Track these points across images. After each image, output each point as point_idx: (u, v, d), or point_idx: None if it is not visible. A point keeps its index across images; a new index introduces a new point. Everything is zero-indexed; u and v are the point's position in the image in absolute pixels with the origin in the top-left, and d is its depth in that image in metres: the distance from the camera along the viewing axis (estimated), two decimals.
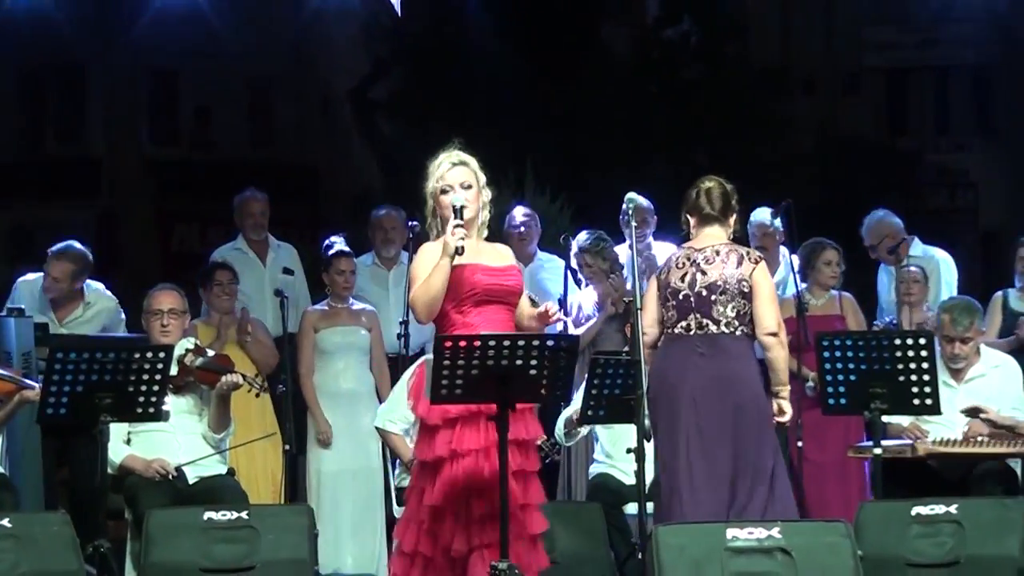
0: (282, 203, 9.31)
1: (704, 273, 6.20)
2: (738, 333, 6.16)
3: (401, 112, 17.57)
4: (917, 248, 8.75)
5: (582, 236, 8.39)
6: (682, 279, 6.23)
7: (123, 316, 8.36)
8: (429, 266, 5.60)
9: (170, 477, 6.85)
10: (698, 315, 6.18)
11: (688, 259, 6.26)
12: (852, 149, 17.63)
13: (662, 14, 17.49)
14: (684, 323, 6.21)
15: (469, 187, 5.67)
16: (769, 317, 6.16)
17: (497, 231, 8.74)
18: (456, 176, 5.67)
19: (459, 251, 5.52)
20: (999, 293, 8.17)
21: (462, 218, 5.58)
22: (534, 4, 15.83)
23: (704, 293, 6.18)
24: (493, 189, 5.79)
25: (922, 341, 6.75)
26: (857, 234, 8.98)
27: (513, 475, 5.51)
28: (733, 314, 6.16)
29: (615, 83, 15.74)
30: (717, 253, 6.23)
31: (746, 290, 6.17)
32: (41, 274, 8.22)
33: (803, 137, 17.44)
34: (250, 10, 17.70)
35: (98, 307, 8.27)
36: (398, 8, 15.46)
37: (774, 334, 6.19)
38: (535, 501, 5.66)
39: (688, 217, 6.33)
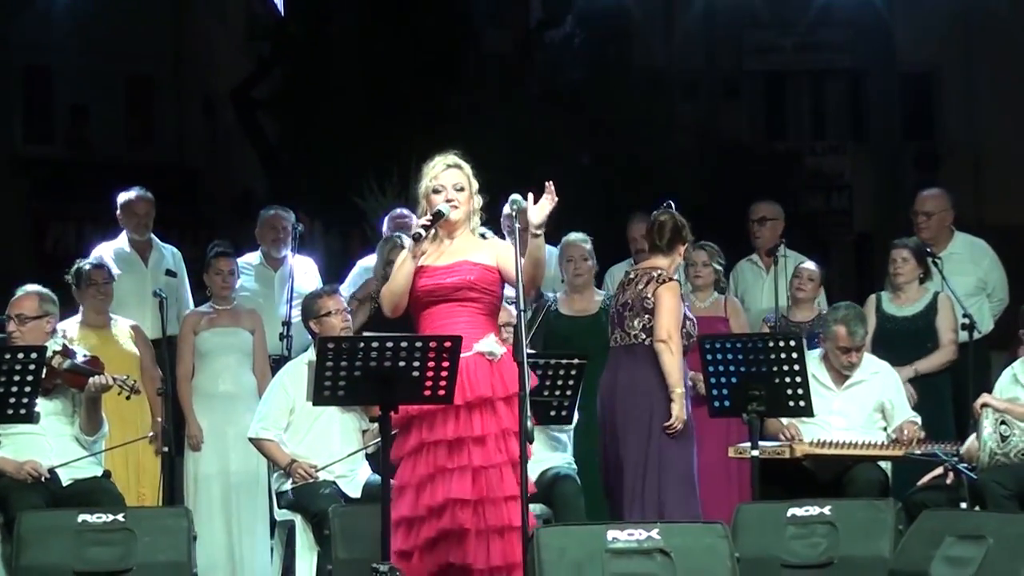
0: (161, 203, 9.18)
1: (623, 293, 7.15)
2: (646, 343, 6.95)
3: (284, 112, 17.44)
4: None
5: None
6: (618, 299, 7.20)
7: None
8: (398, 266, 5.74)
9: (43, 479, 6.72)
10: (619, 329, 7.08)
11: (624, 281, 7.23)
12: (732, 152, 17.84)
13: (544, 17, 17.56)
14: (614, 336, 7.13)
15: (461, 189, 5.78)
16: (660, 327, 6.94)
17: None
18: (449, 177, 5.78)
19: (416, 237, 5.62)
20: (873, 296, 8.30)
21: (436, 221, 5.66)
22: (414, 4, 15.81)
23: (621, 310, 7.10)
24: (485, 196, 5.86)
25: (792, 343, 6.86)
26: (738, 236, 9.09)
27: (490, 468, 5.55)
28: (639, 327, 6.98)
29: (497, 85, 15.77)
30: (643, 276, 7.13)
31: (649, 306, 6.97)
32: None
33: (684, 140, 17.62)
34: (129, 6, 17.48)
35: None
36: (281, 8, 15.36)
37: (663, 341, 6.92)
38: (503, 494, 5.60)
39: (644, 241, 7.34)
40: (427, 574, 5.60)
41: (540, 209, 5.59)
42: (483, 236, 5.93)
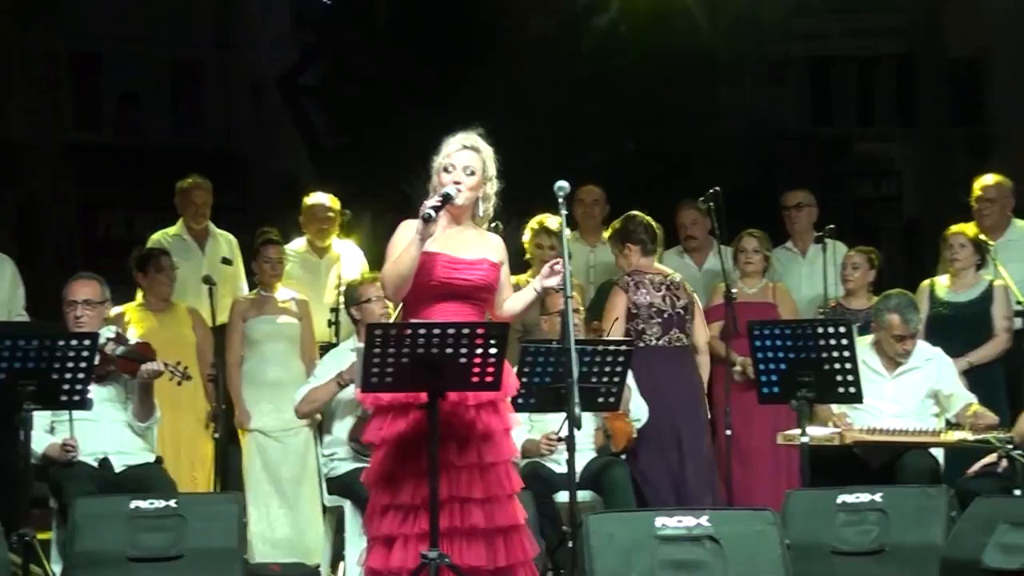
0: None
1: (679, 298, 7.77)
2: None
3: (330, 99, 17.46)
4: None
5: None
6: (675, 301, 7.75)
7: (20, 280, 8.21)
8: (404, 243, 5.47)
9: (88, 459, 6.76)
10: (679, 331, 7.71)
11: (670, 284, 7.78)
12: (778, 138, 17.75)
13: (590, 2, 17.49)
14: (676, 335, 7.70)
15: (472, 173, 5.55)
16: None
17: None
18: (462, 159, 5.56)
19: (426, 218, 5.36)
20: (926, 282, 8.26)
21: (445, 203, 5.46)
22: None
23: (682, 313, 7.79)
24: (500, 182, 5.66)
25: (842, 330, 6.82)
26: (782, 222, 9.07)
27: (473, 466, 5.45)
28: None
29: (541, 71, 15.72)
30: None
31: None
32: None
33: (730, 126, 17.53)
34: None
35: None
36: None
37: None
38: (498, 492, 5.52)
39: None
40: (412, 563, 5.41)
41: (548, 281, 5.56)
42: (496, 227, 5.82)
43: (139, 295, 8.27)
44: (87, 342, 6.38)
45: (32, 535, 6.21)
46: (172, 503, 6.34)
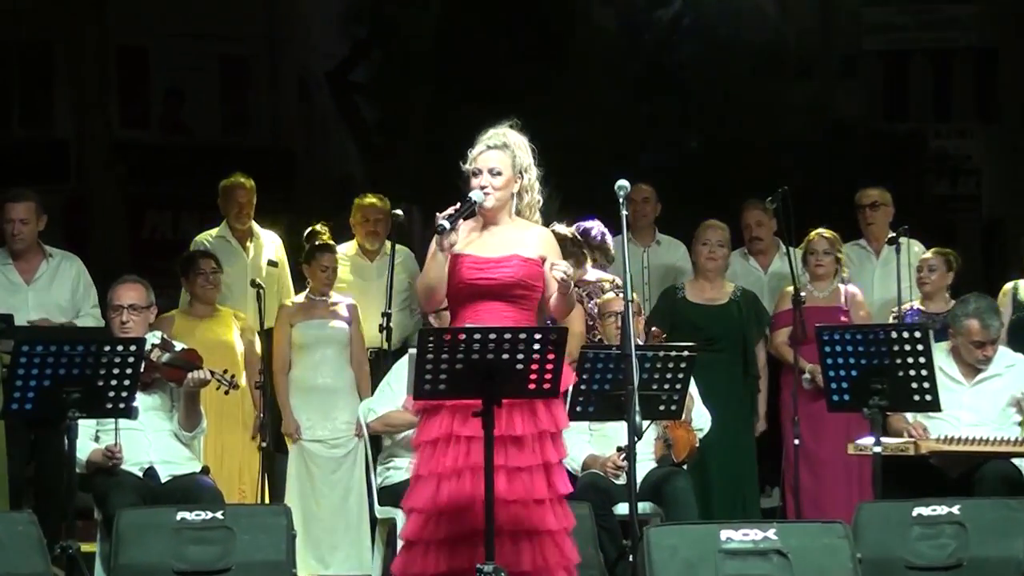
0: (257, 189, 9.27)
1: None
2: None
3: (382, 95, 17.52)
4: None
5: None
6: None
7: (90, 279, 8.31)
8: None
9: (132, 468, 6.82)
10: None
11: None
12: (849, 134, 17.61)
13: None
14: None
15: (498, 174, 5.58)
16: None
17: None
18: (486, 160, 5.60)
19: (439, 229, 5.44)
20: (1009, 284, 8.18)
21: (469, 212, 5.50)
22: None
23: None
24: (532, 174, 5.66)
25: (918, 335, 6.77)
26: (854, 223, 9.01)
27: (524, 470, 5.45)
28: None
29: (603, 66, 15.70)
30: None
31: None
32: None
33: (798, 122, 17.42)
34: None
35: (62, 262, 8.23)
36: None
37: None
38: (545, 496, 5.52)
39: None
40: (439, 569, 5.45)
41: (555, 274, 5.51)
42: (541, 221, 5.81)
43: (183, 299, 8.32)
44: (133, 348, 6.42)
45: (76, 547, 6.25)
46: (219, 515, 6.38)
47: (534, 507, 5.50)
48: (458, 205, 5.50)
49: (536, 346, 5.49)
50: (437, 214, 5.47)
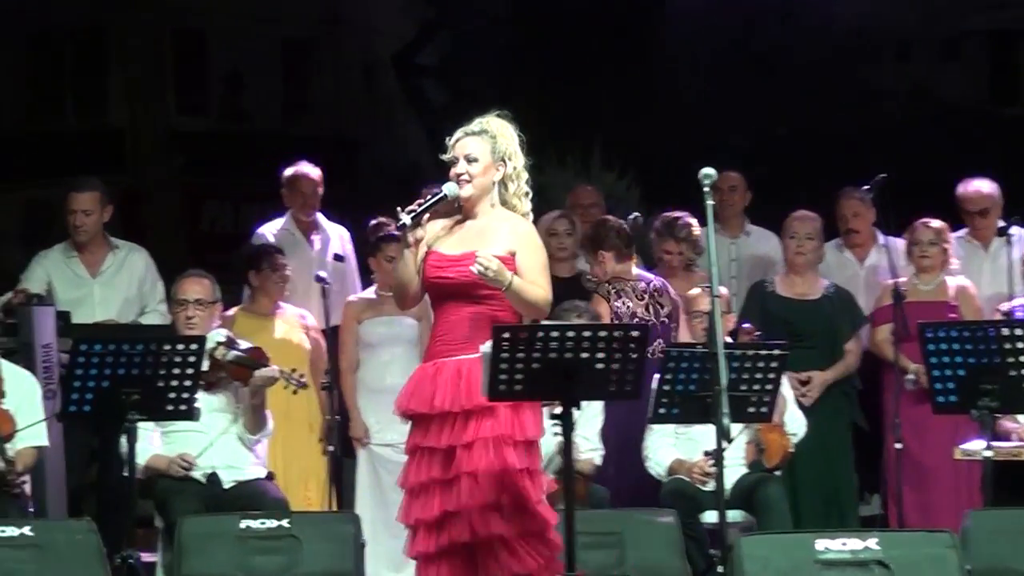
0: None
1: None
2: None
3: (451, 79, 17.54)
4: None
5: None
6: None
7: (157, 272, 8.40)
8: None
9: (195, 474, 6.88)
10: None
11: None
12: (951, 120, 17.43)
13: None
14: None
15: (474, 160, 5.61)
16: None
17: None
18: (463, 147, 5.64)
19: (399, 226, 5.50)
20: None
21: (438, 204, 5.53)
22: None
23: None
24: (530, 159, 5.70)
25: None
26: (959, 213, 8.91)
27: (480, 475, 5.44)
28: None
29: (686, 49, 15.62)
30: None
31: None
32: (55, 247, 8.29)
33: (895, 107, 17.27)
34: None
35: (129, 254, 8.32)
36: None
37: None
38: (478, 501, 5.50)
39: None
40: None
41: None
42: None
43: (245, 296, 8.36)
44: (194, 346, 6.47)
45: (137, 557, 6.31)
46: (284, 523, 6.43)
47: (485, 512, 5.46)
48: (420, 201, 5.54)
49: (616, 345, 5.49)
50: (398, 208, 5.51)
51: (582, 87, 14.45)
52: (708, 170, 5.81)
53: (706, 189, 5.79)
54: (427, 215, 5.56)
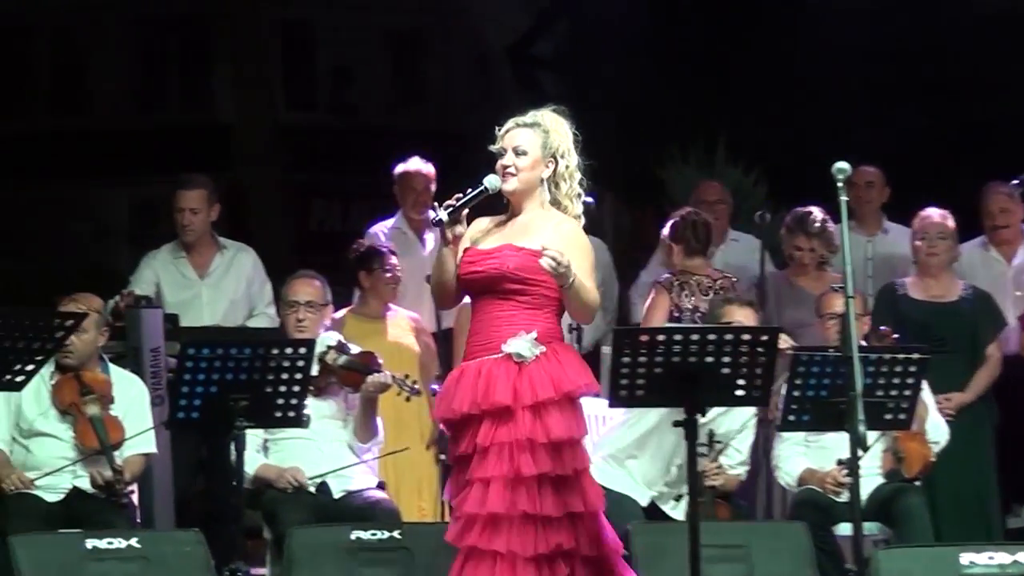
0: None
1: None
2: None
3: (568, 71, 17.52)
4: None
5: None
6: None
7: (265, 274, 8.46)
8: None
9: (309, 489, 6.93)
10: None
11: None
12: None
13: None
14: None
15: (523, 153, 5.50)
16: None
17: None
18: (512, 138, 5.52)
19: (435, 222, 5.42)
20: None
21: (478, 199, 5.44)
22: None
23: None
24: (583, 159, 5.57)
25: None
26: None
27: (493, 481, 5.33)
28: None
29: (812, 36, 15.48)
30: None
31: None
32: (163, 247, 8.39)
33: None
34: None
35: (237, 255, 8.40)
36: None
37: None
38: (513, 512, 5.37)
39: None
40: None
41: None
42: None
43: (356, 297, 8.39)
44: (303, 350, 6.51)
45: (245, 570, 6.35)
46: (396, 534, 6.46)
47: (504, 522, 5.34)
48: (459, 196, 5.45)
49: (744, 348, 5.46)
50: (435, 204, 5.44)
51: (707, 78, 14.37)
52: (842, 164, 5.75)
53: (840, 184, 5.73)
54: (466, 210, 5.47)
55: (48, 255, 19.10)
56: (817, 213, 8.29)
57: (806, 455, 7.38)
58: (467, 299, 5.62)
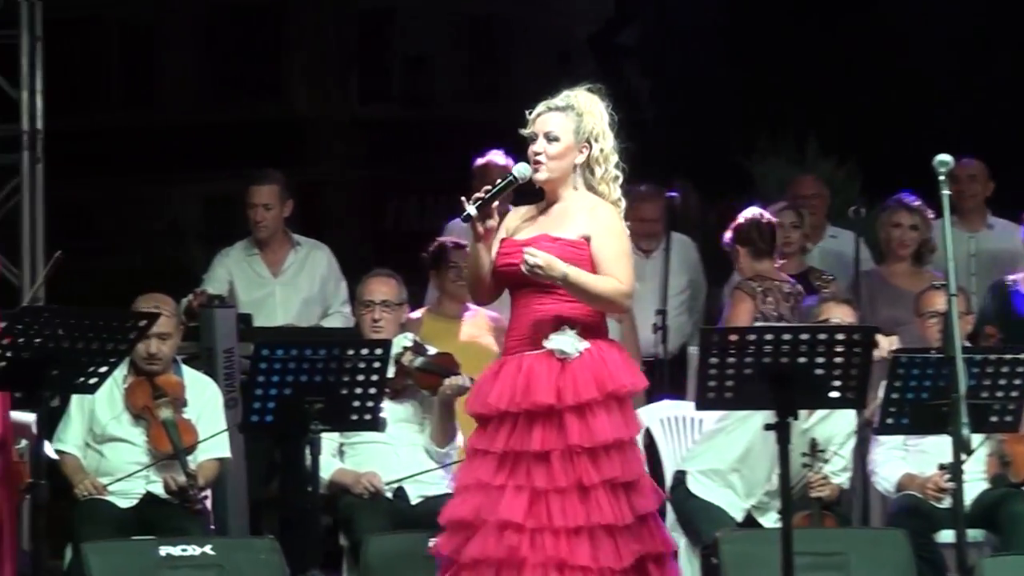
0: None
1: None
2: None
3: (654, 61, 17.49)
4: None
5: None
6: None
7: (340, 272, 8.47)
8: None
9: (386, 495, 6.93)
10: None
11: None
12: None
13: None
14: None
15: (555, 139, 5.43)
16: None
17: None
18: (544, 123, 5.45)
19: (464, 218, 5.36)
20: None
21: (505, 188, 5.39)
22: None
23: None
24: (607, 144, 5.47)
25: None
26: None
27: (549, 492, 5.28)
28: None
29: (917, 19, 15.35)
30: None
31: None
32: (236, 244, 8.43)
33: None
34: None
35: (311, 252, 8.42)
36: None
37: None
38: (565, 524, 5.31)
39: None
40: None
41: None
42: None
43: (430, 298, 8.39)
44: (379, 351, 6.52)
45: None
46: None
47: (562, 536, 5.29)
48: (488, 188, 5.39)
49: (839, 348, 5.41)
50: (463, 199, 5.36)
51: (799, 67, 14.29)
52: (944, 157, 5.69)
53: (941, 178, 5.67)
54: (496, 203, 5.41)
55: (123, 253, 19.31)
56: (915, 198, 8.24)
57: (905, 460, 7.31)
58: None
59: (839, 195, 10.22)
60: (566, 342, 5.36)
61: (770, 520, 7.02)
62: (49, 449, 6.32)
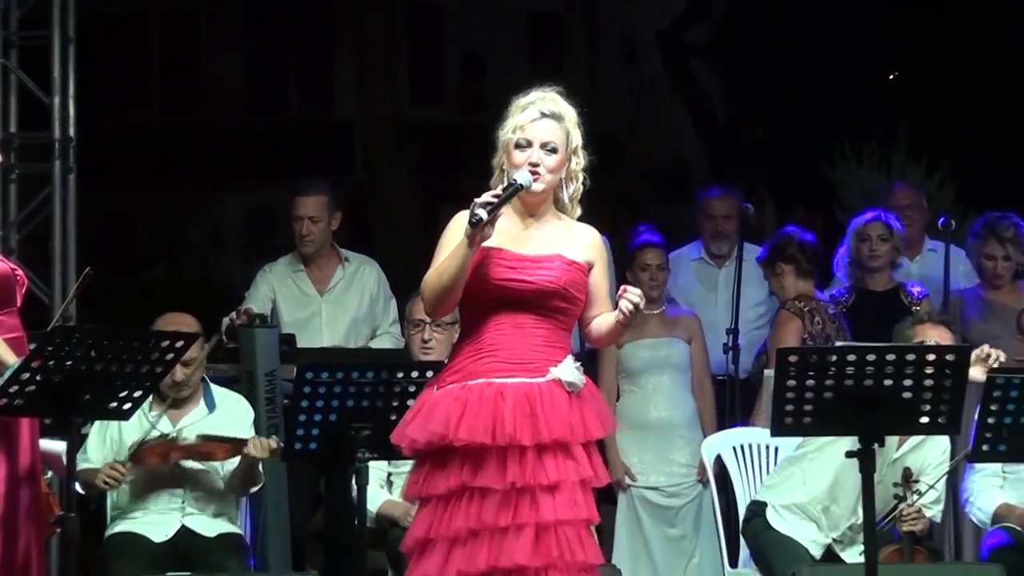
0: None
1: None
2: None
3: (725, 59, 17.45)
4: None
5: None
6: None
7: (389, 290, 8.47)
8: (454, 243, 5.29)
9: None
10: None
11: None
12: None
13: None
14: None
15: (553, 150, 5.30)
16: None
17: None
18: (540, 131, 5.30)
19: (474, 220, 5.13)
20: None
21: (511, 195, 5.23)
22: None
23: None
24: (587, 156, 5.38)
25: None
26: None
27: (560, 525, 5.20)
28: None
29: (1007, 18, 15.27)
30: None
31: None
32: (280, 260, 8.43)
33: None
34: None
35: (360, 268, 8.41)
36: None
37: None
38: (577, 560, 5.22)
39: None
40: None
41: (622, 303, 5.18)
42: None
43: None
44: (430, 374, 6.49)
45: None
46: None
47: (576, 574, 5.22)
48: (500, 190, 5.23)
49: (929, 369, 5.38)
50: (475, 201, 5.19)
51: (884, 67, 14.22)
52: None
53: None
54: (501, 210, 5.25)
55: (159, 266, 19.42)
56: (1010, 216, 8.16)
57: (1003, 488, 7.26)
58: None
59: (930, 205, 10.18)
60: (573, 373, 5.30)
61: (853, 554, 6.97)
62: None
